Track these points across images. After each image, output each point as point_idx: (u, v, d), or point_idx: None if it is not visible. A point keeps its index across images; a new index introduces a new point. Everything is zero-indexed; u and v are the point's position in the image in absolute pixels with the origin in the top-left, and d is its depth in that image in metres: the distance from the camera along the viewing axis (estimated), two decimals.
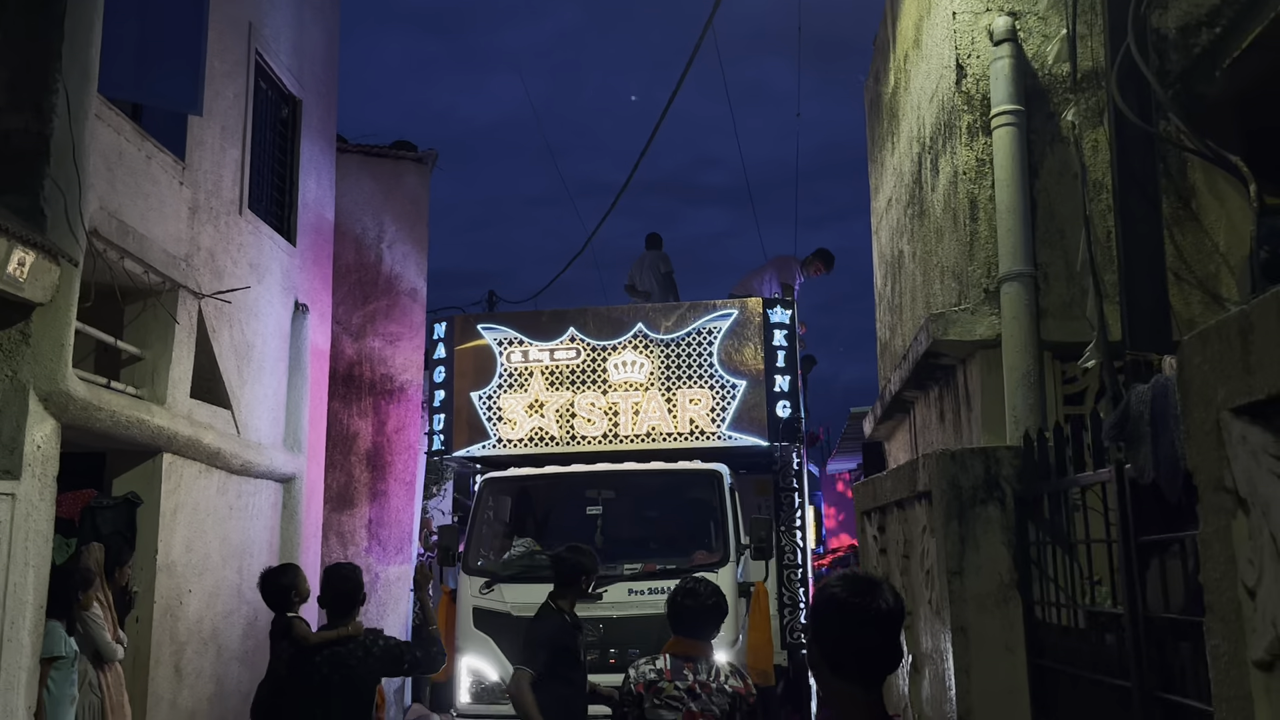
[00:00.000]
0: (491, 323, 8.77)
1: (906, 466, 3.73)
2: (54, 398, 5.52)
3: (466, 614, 7.46)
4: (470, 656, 7.36)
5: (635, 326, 8.34)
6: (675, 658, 4.09)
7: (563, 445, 8.21)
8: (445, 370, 8.60)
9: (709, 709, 3.99)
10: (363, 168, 11.78)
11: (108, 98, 6.22)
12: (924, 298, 5.61)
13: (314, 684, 4.59)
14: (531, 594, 7.21)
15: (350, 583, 4.80)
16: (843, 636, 2.26)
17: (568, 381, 8.32)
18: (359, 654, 4.63)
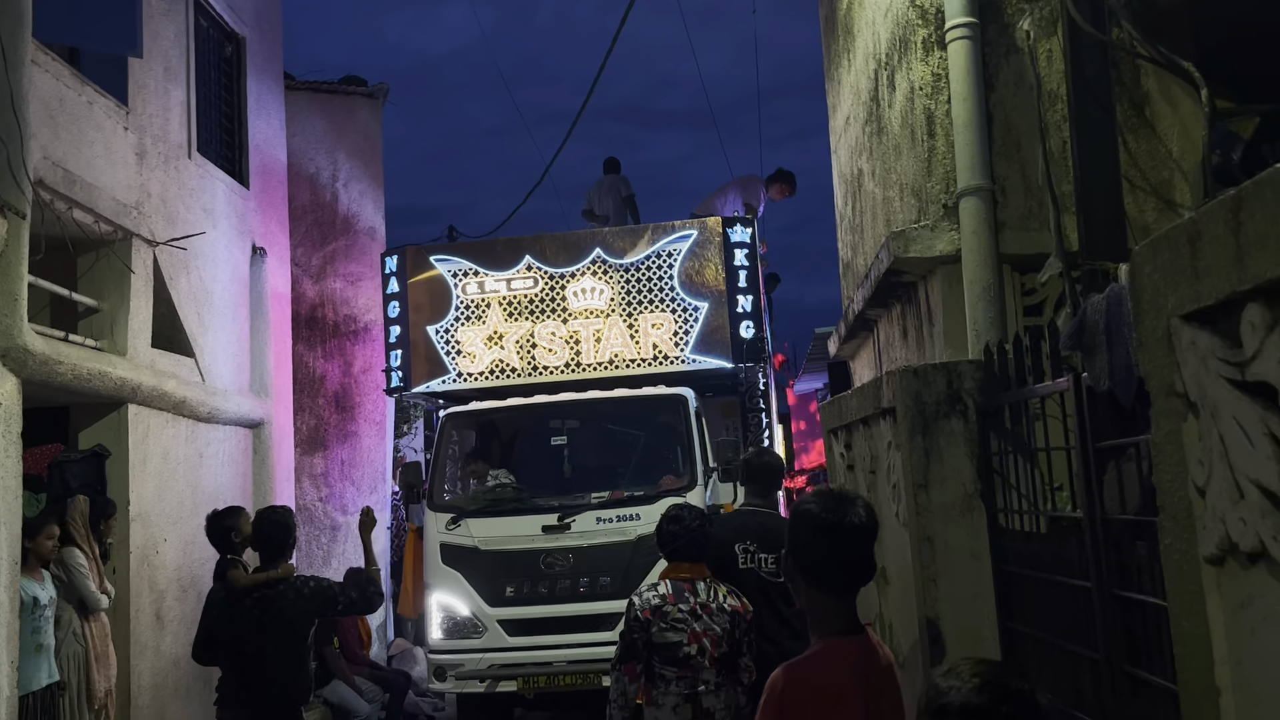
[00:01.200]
0: (445, 254, 8.49)
1: (871, 384, 3.79)
2: (11, 353, 5.44)
3: (434, 551, 7.43)
4: (440, 593, 7.34)
5: (593, 252, 8.15)
6: (675, 582, 4.21)
7: (524, 376, 8.07)
8: (399, 305, 8.38)
9: (711, 629, 4.14)
10: (313, 105, 11.53)
11: (43, 43, 6.02)
12: (884, 216, 5.63)
13: (245, 625, 4.67)
14: (497, 527, 7.32)
15: (279, 526, 4.84)
16: (818, 550, 2.33)
17: (526, 311, 8.14)
18: (289, 596, 4.67)
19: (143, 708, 6.91)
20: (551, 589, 7.09)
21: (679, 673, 4.09)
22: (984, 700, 1.57)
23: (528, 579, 7.14)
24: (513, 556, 7.18)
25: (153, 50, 7.42)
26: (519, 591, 7.14)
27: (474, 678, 7.12)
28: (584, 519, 7.15)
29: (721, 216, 8.65)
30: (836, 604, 2.37)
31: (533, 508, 7.35)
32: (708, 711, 4.11)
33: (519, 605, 7.13)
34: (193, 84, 8.16)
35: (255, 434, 9.05)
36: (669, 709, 4.08)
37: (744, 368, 8.03)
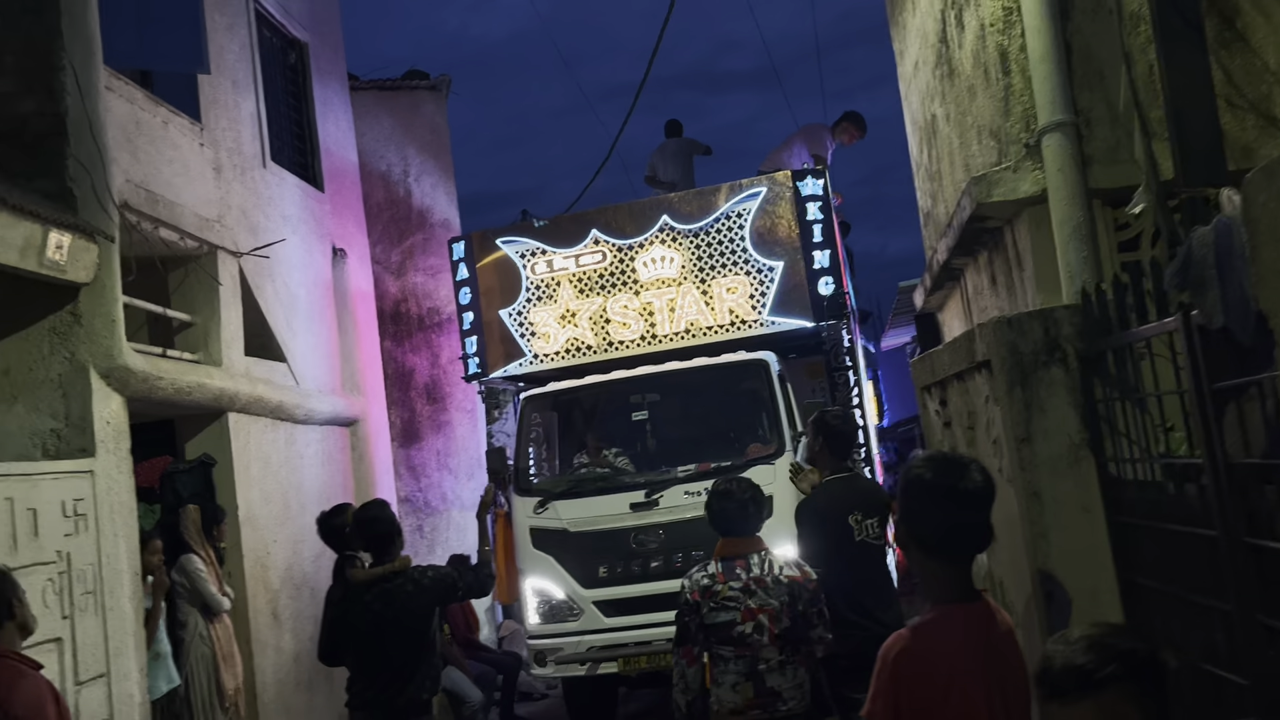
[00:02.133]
0: (510, 235, 8.24)
1: (962, 338, 3.66)
2: (114, 373, 5.62)
3: (524, 535, 7.39)
4: (534, 578, 7.32)
5: (660, 220, 7.89)
6: (725, 560, 4.11)
7: (600, 353, 7.88)
8: (470, 291, 8.26)
9: (767, 603, 4.01)
10: (379, 103, 11.65)
11: (115, 69, 6.17)
12: (962, 160, 5.43)
13: (366, 622, 4.61)
14: (585, 508, 7.21)
15: (378, 521, 4.76)
16: (932, 517, 2.25)
17: (597, 286, 7.92)
18: (408, 588, 4.61)
19: (269, 703, 7.14)
20: (644, 567, 6.99)
21: (736, 651, 4.00)
22: (1088, 661, 1.48)
23: (619, 558, 7.06)
24: (602, 536, 7.11)
25: (220, 65, 7.56)
26: (612, 571, 7.06)
27: (574, 661, 7.09)
28: (672, 493, 7.02)
29: (790, 170, 8.32)
30: (951, 570, 2.29)
31: (619, 486, 7.26)
32: (772, 690, 3.99)
33: (613, 585, 7.05)
34: (261, 94, 8.30)
35: (352, 431, 9.25)
36: (728, 687, 4.00)
37: (826, 326, 7.75)
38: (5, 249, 4.87)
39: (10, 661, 3.43)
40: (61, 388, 5.47)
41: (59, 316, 5.50)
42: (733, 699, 4.00)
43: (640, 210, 8.05)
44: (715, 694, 4.01)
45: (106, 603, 5.35)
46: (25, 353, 5.47)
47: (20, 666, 3.44)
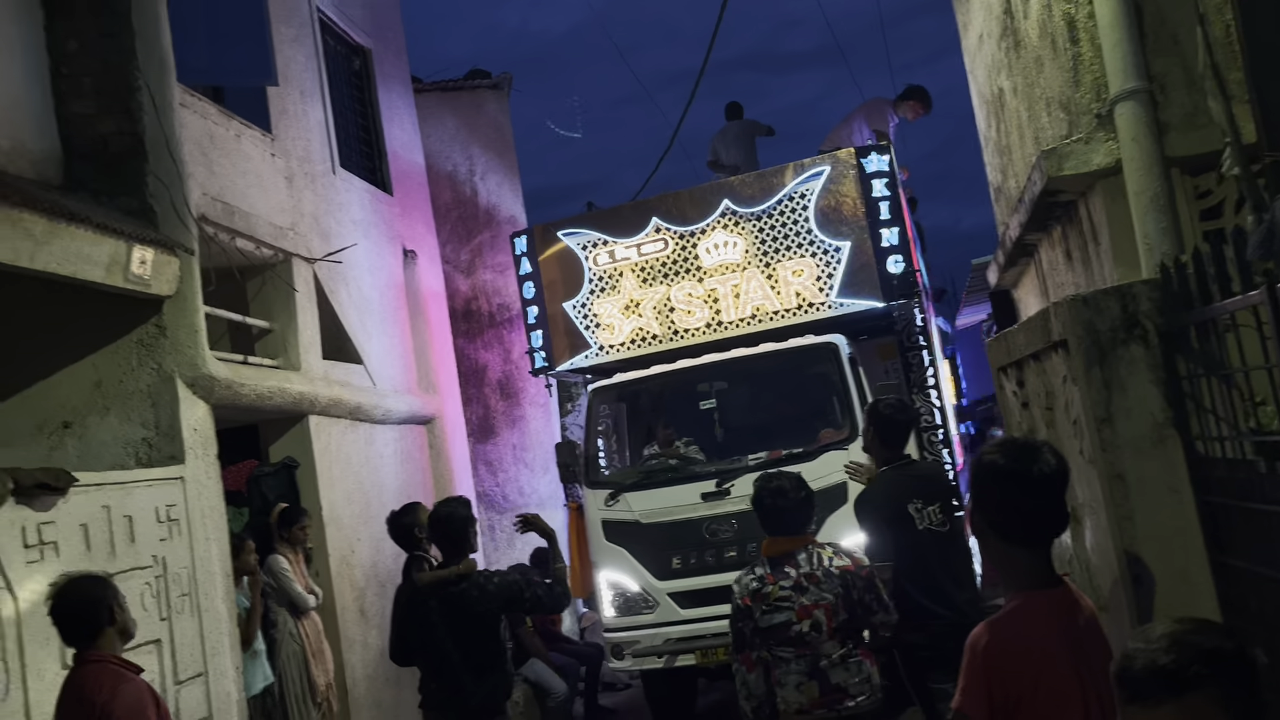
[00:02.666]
0: (571, 227, 8.18)
1: (1037, 318, 3.58)
2: (199, 382, 5.80)
3: (596, 528, 7.36)
4: (608, 571, 7.28)
5: (721, 204, 7.74)
6: (773, 560, 4.03)
7: (666, 342, 7.78)
8: (534, 285, 8.23)
9: (822, 598, 3.92)
10: (442, 104, 11.80)
11: (188, 86, 6.34)
12: (1032, 134, 5.30)
13: (431, 624, 4.55)
14: (656, 499, 7.16)
15: (453, 520, 4.64)
16: (1006, 503, 2.23)
17: (660, 275, 7.83)
18: (473, 594, 4.49)
19: (359, 698, 7.32)
20: (718, 557, 6.91)
21: (796, 651, 3.92)
22: (1170, 661, 1.40)
23: (693, 549, 7.01)
24: (675, 527, 7.06)
25: (287, 76, 7.72)
26: (685, 563, 7.02)
27: (651, 654, 7.04)
28: (743, 482, 6.81)
29: (853, 147, 8.09)
30: (1030, 557, 2.26)
31: (689, 476, 7.18)
32: (837, 687, 3.92)
33: (687, 576, 7.01)
34: (328, 102, 8.46)
35: (429, 429, 9.41)
36: (792, 687, 3.93)
37: (897, 305, 7.56)
38: (92, 266, 5.06)
39: (112, 666, 3.57)
40: (150, 397, 5.66)
41: (145, 329, 5.70)
42: (798, 699, 3.93)
43: (701, 195, 7.92)
44: (780, 695, 3.94)
45: (202, 604, 5.53)
46: (115, 365, 5.68)
47: (122, 671, 3.58)
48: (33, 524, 4.46)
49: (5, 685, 4.17)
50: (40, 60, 5.61)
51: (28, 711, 4.24)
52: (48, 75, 5.64)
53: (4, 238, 4.48)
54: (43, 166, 5.51)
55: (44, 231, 4.71)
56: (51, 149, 5.60)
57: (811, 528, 4.25)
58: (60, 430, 5.61)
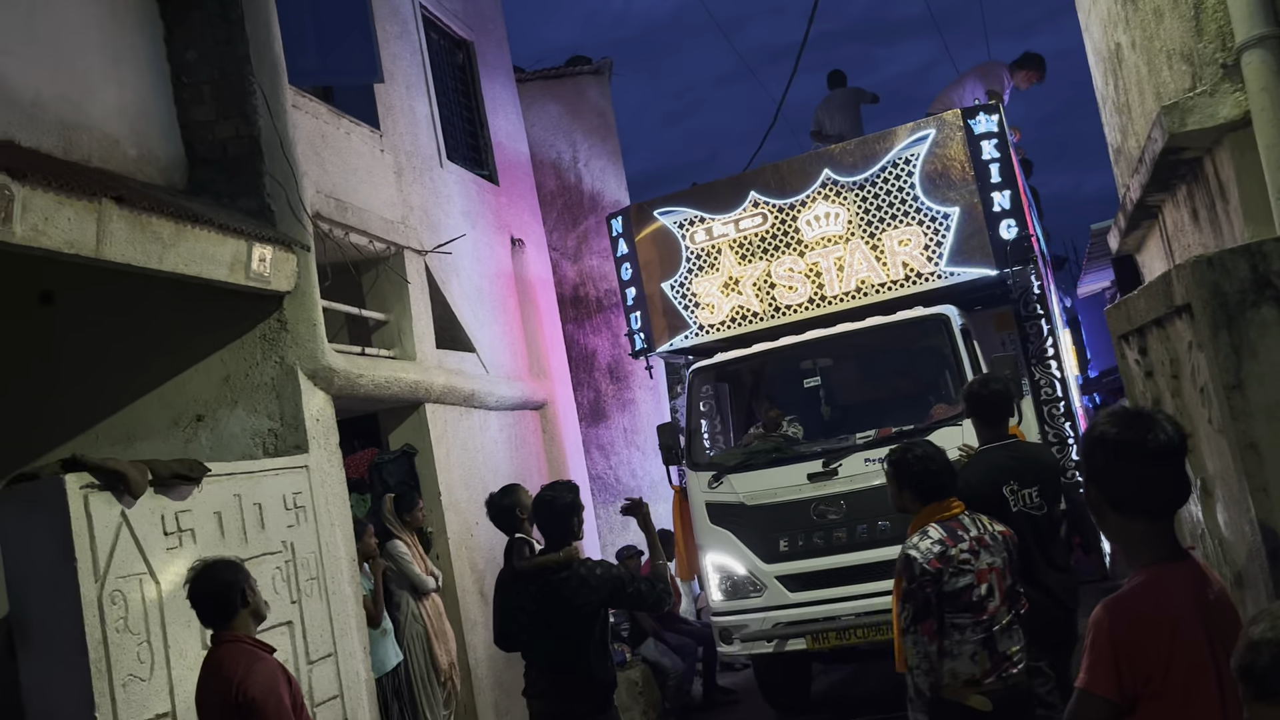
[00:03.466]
0: (667, 205, 7.98)
1: (1158, 281, 3.41)
2: (320, 374, 6.01)
3: (701, 511, 7.22)
4: (714, 554, 7.15)
5: (822, 174, 7.45)
6: (942, 524, 3.85)
7: (767, 319, 7.55)
8: (630, 266, 8.09)
9: (994, 562, 3.80)
10: (544, 93, 11.92)
11: (299, 88, 6.55)
12: (1152, 89, 5.04)
13: (531, 612, 4.38)
14: (760, 481, 6.99)
15: (554, 505, 4.41)
16: (1123, 476, 2.14)
17: (759, 251, 7.58)
18: (574, 584, 4.25)
19: (481, 677, 7.51)
20: (827, 539, 6.74)
21: (974, 618, 3.74)
22: None
23: (800, 531, 6.83)
24: (781, 509, 6.89)
25: (393, 72, 7.90)
26: (793, 545, 6.85)
27: (760, 638, 6.92)
28: (851, 462, 6.72)
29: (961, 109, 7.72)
30: (1153, 529, 2.17)
31: (794, 456, 7.00)
32: (1003, 655, 3.77)
33: (795, 559, 6.85)
34: (433, 96, 8.63)
35: (542, 414, 9.55)
36: (967, 658, 3.74)
37: (1012, 272, 7.17)
38: (216, 265, 5.29)
39: (246, 646, 3.75)
40: (275, 390, 5.90)
41: (267, 324, 5.94)
42: (970, 669, 3.74)
43: (799, 166, 7.64)
44: (950, 667, 3.74)
45: (329, 587, 5.76)
46: (241, 360, 5.94)
47: (255, 651, 3.75)
48: (171, 512, 4.71)
49: (150, 664, 4.42)
50: (162, 71, 5.88)
51: (171, 689, 4.49)
52: (169, 85, 5.91)
53: (135, 241, 4.72)
54: (169, 172, 5.79)
55: (171, 234, 4.95)
56: (176, 155, 5.87)
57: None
58: (193, 423, 5.90)
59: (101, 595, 4.23)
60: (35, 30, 4.95)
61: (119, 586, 4.33)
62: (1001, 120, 7.28)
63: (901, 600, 3.80)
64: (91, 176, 4.77)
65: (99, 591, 4.23)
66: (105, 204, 4.52)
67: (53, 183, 4.24)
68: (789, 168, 7.67)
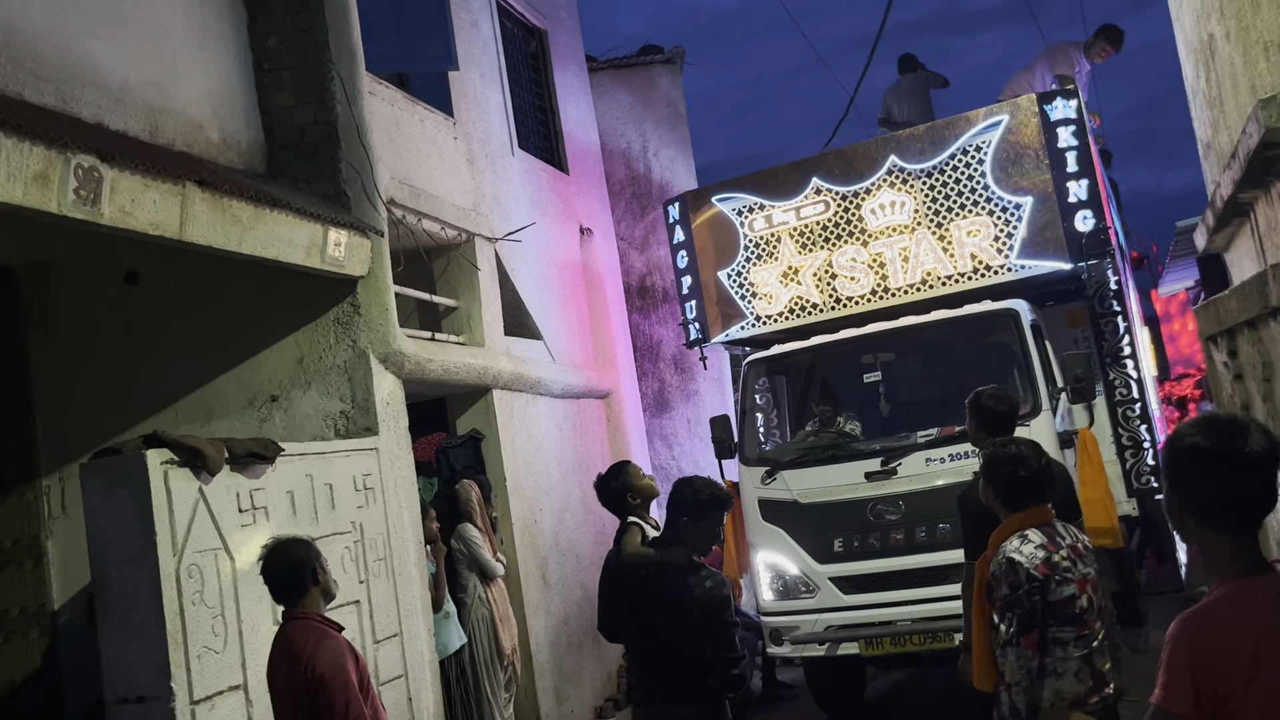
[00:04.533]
0: (725, 192, 7.72)
1: (1253, 281, 3.30)
2: (391, 358, 6.09)
3: (753, 507, 7.02)
4: (765, 552, 6.94)
5: (888, 161, 7.20)
6: (1040, 530, 3.53)
7: (827, 311, 7.32)
8: (686, 254, 7.86)
9: (1089, 574, 3.51)
10: (615, 82, 11.90)
11: (375, 74, 6.63)
12: (1247, 82, 4.86)
13: (629, 607, 3.96)
14: (815, 478, 6.76)
15: (678, 499, 3.90)
16: (1209, 486, 2.06)
17: (821, 240, 7.33)
18: (676, 588, 3.78)
19: (542, 664, 7.56)
20: (884, 541, 6.51)
21: (1076, 631, 3.43)
22: None
23: (856, 531, 6.60)
24: (836, 508, 6.68)
25: (467, 60, 7.96)
26: (848, 546, 6.63)
27: (812, 641, 6.71)
28: (911, 461, 6.48)
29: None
30: (1237, 542, 2.08)
31: (852, 454, 6.78)
32: (1100, 674, 3.45)
33: (850, 561, 6.62)
34: (506, 84, 8.67)
35: (607, 403, 9.58)
36: (1071, 676, 3.42)
37: (1087, 266, 6.85)
38: (293, 249, 5.38)
39: (315, 623, 3.82)
40: (347, 372, 5.99)
41: (341, 308, 6.03)
42: (1075, 689, 3.43)
43: (864, 152, 7.38)
44: (1054, 687, 3.43)
45: (396, 568, 5.84)
46: (315, 342, 6.04)
47: (324, 628, 3.82)
48: (245, 490, 4.82)
49: (224, 637, 4.53)
50: (245, 57, 6.00)
51: (244, 662, 4.59)
52: (251, 70, 6.03)
53: (216, 224, 4.82)
54: (249, 156, 5.90)
55: (250, 218, 5.05)
56: (256, 139, 5.99)
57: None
58: (268, 403, 6.02)
59: (179, 569, 4.35)
60: (124, 15, 5.07)
61: (195, 560, 4.45)
62: (1080, 106, 7.01)
63: (1001, 610, 3.47)
64: (176, 160, 4.88)
65: (177, 565, 4.34)
66: (189, 187, 4.62)
67: (140, 166, 4.34)
68: (853, 154, 7.43)
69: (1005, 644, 3.45)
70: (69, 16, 4.70)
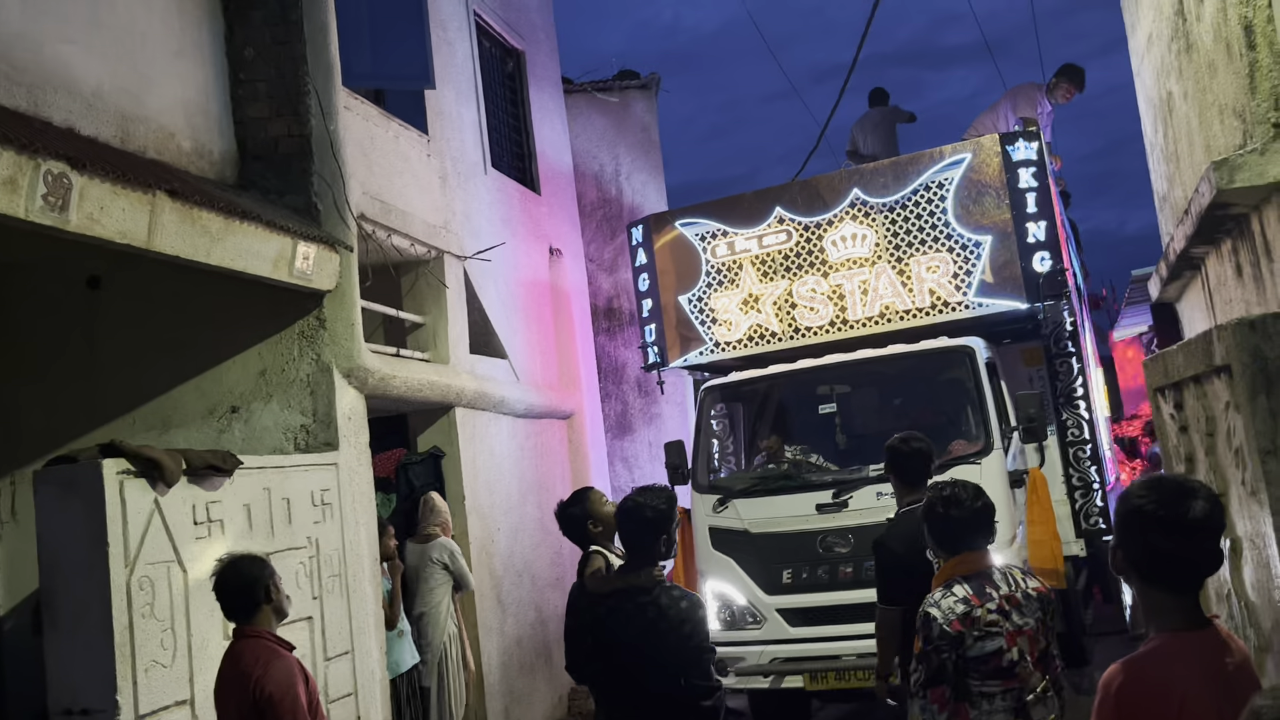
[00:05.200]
0: (689, 217, 7.77)
1: (1199, 339, 3.40)
2: (354, 372, 6.09)
3: (703, 535, 6.96)
4: (714, 581, 6.87)
5: (851, 194, 7.23)
6: (969, 579, 3.44)
7: (786, 340, 7.35)
8: (648, 276, 7.86)
9: (1025, 624, 3.41)
10: (590, 105, 11.99)
11: (351, 89, 6.65)
12: (1202, 142, 5.02)
13: (599, 639, 3.62)
14: (767, 508, 6.70)
15: (643, 515, 3.60)
16: (1151, 547, 2.13)
17: (782, 269, 7.36)
18: (649, 613, 3.44)
19: (493, 685, 7.54)
20: (832, 574, 6.46)
21: (1004, 685, 3.35)
22: None
23: (805, 563, 6.54)
24: (786, 539, 6.63)
25: (444, 78, 7.99)
26: (796, 577, 6.56)
27: (756, 673, 6.59)
28: (863, 494, 6.43)
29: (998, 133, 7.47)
30: (1177, 599, 2.16)
31: (804, 485, 6.74)
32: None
33: (798, 593, 6.55)
34: (481, 103, 8.71)
35: (569, 424, 9.59)
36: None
37: (1043, 307, 6.94)
38: (261, 261, 5.37)
39: (266, 642, 3.80)
40: (309, 386, 5.97)
41: (306, 321, 6.02)
42: None
43: (828, 184, 7.43)
44: None
45: (350, 585, 5.81)
46: (278, 355, 6.02)
47: (275, 647, 3.80)
48: (202, 502, 4.78)
49: (173, 652, 4.49)
50: (221, 67, 5.99)
51: (191, 678, 4.55)
52: (227, 81, 6.02)
53: (185, 235, 4.81)
54: (220, 166, 5.89)
55: (220, 229, 5.04)
56: (229, 150, 5.98)
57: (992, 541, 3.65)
58: (228, 414, 5.99)
59: (130, 580, 4.31)
60: (101, 21, 5.06)
61: (147, 573, 4.41)
62: (1041, 148, 7.13)
63: (915, 659, 3.42)
64: (146, 168, 4.87)
65: (128, 576, 4.30)
66: (159, 196, 4.61)
67: (110, 173, 4.33)
68: (817, 185, 7.50)
69: (913, 694, 3.47)
70: (45, 21, 4.68)
